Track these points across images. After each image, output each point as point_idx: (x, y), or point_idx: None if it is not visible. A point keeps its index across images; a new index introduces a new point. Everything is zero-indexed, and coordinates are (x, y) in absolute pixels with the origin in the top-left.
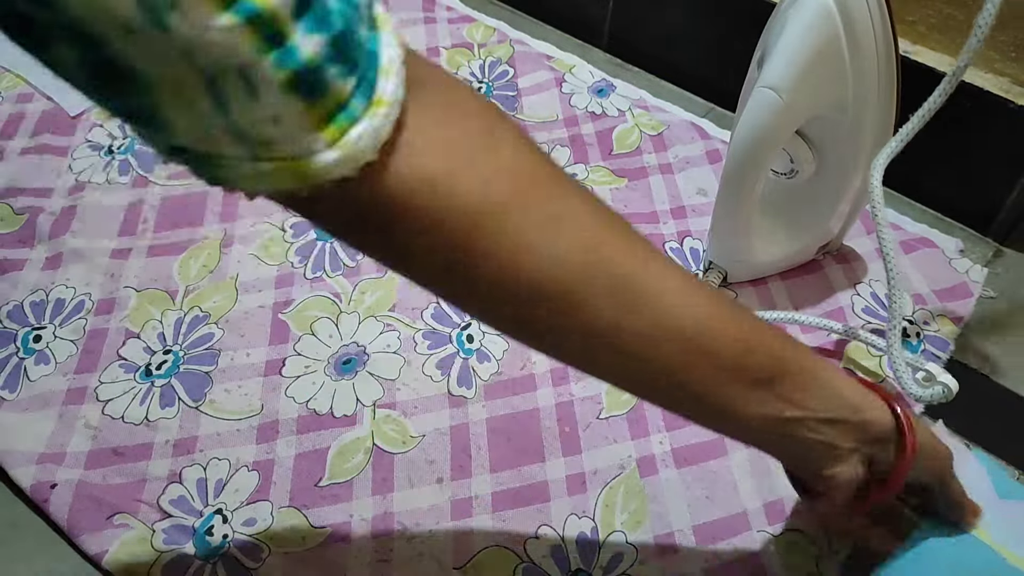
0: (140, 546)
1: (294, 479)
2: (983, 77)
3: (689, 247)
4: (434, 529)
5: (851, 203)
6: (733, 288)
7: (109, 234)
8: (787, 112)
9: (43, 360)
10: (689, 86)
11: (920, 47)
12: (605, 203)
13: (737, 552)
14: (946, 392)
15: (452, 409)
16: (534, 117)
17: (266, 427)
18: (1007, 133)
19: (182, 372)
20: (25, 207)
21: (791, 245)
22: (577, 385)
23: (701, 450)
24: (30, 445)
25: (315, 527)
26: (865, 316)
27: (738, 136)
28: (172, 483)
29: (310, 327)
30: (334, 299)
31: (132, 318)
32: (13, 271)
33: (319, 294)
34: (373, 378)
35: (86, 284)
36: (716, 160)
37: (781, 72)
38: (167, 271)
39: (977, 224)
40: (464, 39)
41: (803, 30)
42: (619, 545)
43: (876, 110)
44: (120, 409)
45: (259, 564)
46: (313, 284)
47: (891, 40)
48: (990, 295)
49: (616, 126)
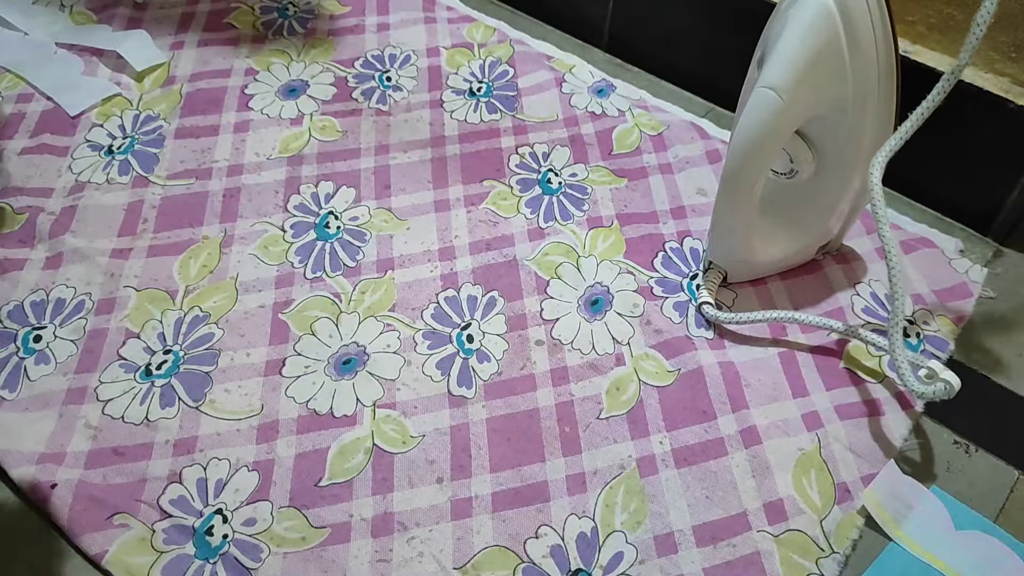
0: (140, 546)
1: (294, 479)
2: (983, 77)
3: (689, 247)
4: (434, 529)
5: (851, 203)
6: (733, 288)
7: (109, 234)
8: (787, 112)
9: (43, 360)
10: (689, 86)
11: (920, 47)
12: None
13: (737, 552)
14: (948, 389)
15: (452, 409)
16: (534, 117)
17: (266, 427)
18: (1007, 133)
19: (182, 372)
20: (25, 207)
21: (791, 245)
22: (577, 385)
23: (701, 450)
24: (30, 445)
25: (315, 527)
26: (865, 316)
27: (738, 136)
28: (172, 483)
29: (310, 327)
30: (334, 299)
31: (132, 318)
32: (13, 271)
33: (319, 294)
34: (373, 378)
35: (86, 284)
36: (716, 160)
37: (781, 72)
38: (167, 271)
39: (977, 224)
40: (464, 39)
41: (803, 30)
42: (619, 545)
43: (876, 110)
44: (120, 409)
45: (259, 564)
46: (313, 284)
47: (891, 40)
48: (990, 295)
49: (616, 126)
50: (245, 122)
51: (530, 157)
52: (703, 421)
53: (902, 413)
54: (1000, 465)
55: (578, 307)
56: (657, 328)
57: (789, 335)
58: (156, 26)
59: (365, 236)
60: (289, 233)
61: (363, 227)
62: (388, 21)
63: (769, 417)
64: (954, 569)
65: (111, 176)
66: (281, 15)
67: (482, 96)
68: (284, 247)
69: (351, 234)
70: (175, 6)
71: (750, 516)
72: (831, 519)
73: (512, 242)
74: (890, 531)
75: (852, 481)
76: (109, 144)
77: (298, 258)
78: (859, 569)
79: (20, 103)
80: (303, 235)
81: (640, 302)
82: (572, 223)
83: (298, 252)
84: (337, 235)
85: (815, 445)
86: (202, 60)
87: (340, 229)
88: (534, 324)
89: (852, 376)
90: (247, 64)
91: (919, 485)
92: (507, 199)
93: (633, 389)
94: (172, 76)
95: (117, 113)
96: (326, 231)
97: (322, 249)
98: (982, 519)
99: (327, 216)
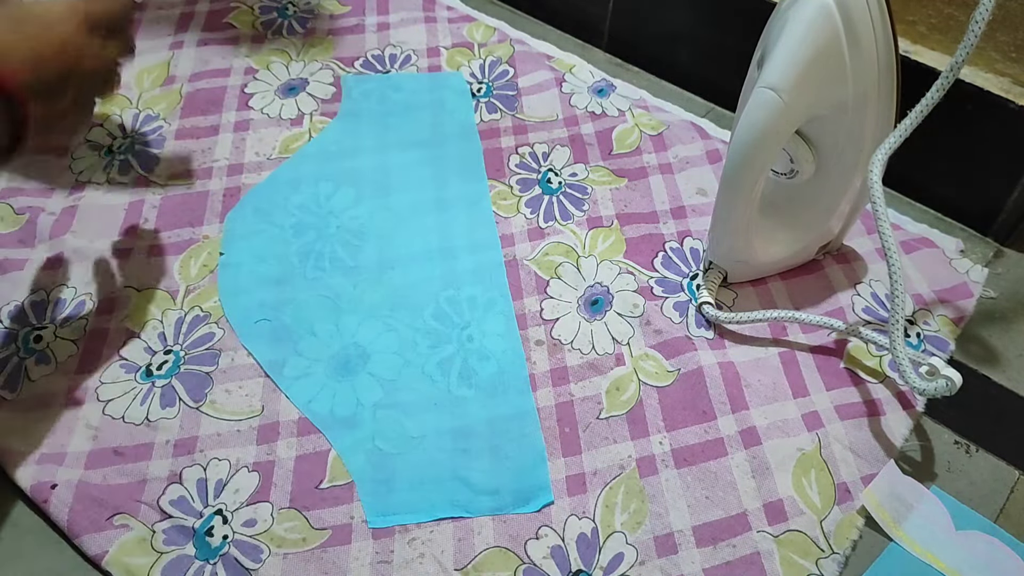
0: (140, 547)
1: (295, 480)
2: (983, 77)
3: (689, 247)
4: (435, 530)
5: (851, 203)
6: (733, 288)
7: (110, 234)
8: (787, 112)
9: (44, 360)
10: (689, 86)
11: (920, 47)
12: None
13: (737, 552)
14: (950, 385)
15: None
16: (534, 117)
17: (266, 428)
18: (1007, 133)
19: (183, 372)
20: (25, 207)
21: (791, 245)
22: (577, 385)
23: (701, 450)
24: (30, 445)
25: (315, 528)
26: (865, 316)
27: (738, 136)
28: (172, 483)
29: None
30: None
31: (133, 318)
32: (14, 271)
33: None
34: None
35: (87, 284)
36: (716, 160)
37: (781, 72)
38: (167, 271)
39: (977, 224)
40: (464, 39)
41: (803, 30)
42: (619, 546)
43: (876, 110)
44: (120, 409)
45: (259, 565)
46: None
47: (891, 40)
48: (990, 295)
49: (616, 126)
50: (245, 121)
51: (530, 157)
52: (703, 421)
53: (903, 413)
54: (1000, 465)
55: (578, 307)
56: (657, 328)
57: (789, 335)
58: (155, 26)
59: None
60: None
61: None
62: (388, 21)
63: (769, 417)
64: (954, 569)
65: (111, 176)
66: (281, 15)
67: (482, 96)
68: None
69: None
70: (174, 6)
71: (750, 516)
72: (831, 519)
73: (512, 242)
74: (890, 531)
75: (852, 481)
76: (109, 144)
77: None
78: (859, 569)
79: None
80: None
81: (640, 302)
82: (572, 223)
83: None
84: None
85: (815, 445)
86: (202, 60)
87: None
88: (534, 324)
89: (852, 376)
90: (247, 63)
91: (919, 485)
92: (507, 199)
93: (633, 389)
94: (172, 76)
95: (117, 112)
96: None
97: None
98: (982, 519)
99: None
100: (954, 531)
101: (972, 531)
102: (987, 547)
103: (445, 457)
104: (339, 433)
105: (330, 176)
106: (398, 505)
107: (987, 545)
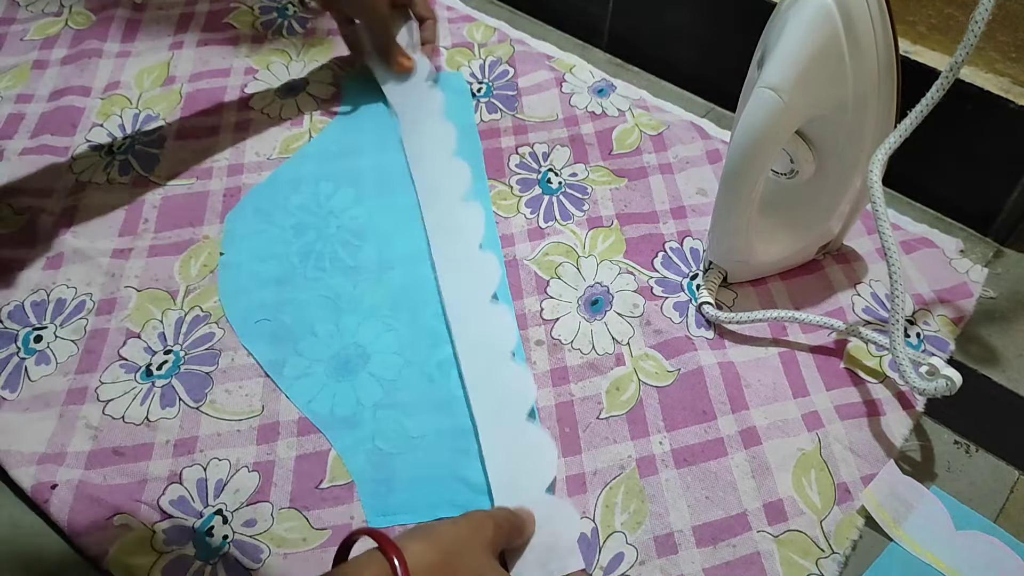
0: (140, 547)
1: (295, 481)
2: (983, 77)
3: (689, 247)
4: None
5: (851, 203)
6: (733, 288)
7: (110, 234)
8: (787, 112)
9: (44, 360)
10: (689, 86)
11: (920, 47)
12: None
13: (737, 552)
14: (950, 385)
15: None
16: (534, 117)
17: (267, 428)
18: (1007, 133)
19: (183, 372)
20: (25, 207)
21: (791, 245)
22: (577, 385)
23: (701, 450)
24: (30, 445)
25: (316, 528)
26: (865, 316)
27: (738, 136)
28: (172, 483)
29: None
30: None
31: (133, 318)
32: (13, 271)
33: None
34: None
35: (87, 284)
36: (716, 160)
37: (781, 72)
38: (168, 271)
39: (977, 224)
40: (464, 39)
41: (803, 30)
42: (619, 546)
43: (876, 110)
44: (121, 409)
45: (259, 565)
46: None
47: (891, 40)
48: (990, 295)
49: (616, 126)
50: (245, 121)
51: (530, 157)
52: (703, 421)
53: (903, 413)
54: (1000, 465)
55: (578, 307)
56: (657, 328)
57: (789, 335)
58: (155, 26)
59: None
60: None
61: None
62: None
63: (769, 417)
64: (954, 569)
65: (111, 176)
66: (281, 15)
67: (482, 96)
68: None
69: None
70: (174, 6)
71: (750, 516)
72: (831, 519)
73: (512, 242)
74: (890, 531)
75: (852, 481)
76: (109, 144)
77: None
78: (859, 569)
79: (20, 103)
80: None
81: (640, 302)
82: (572, 223)
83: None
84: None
85: (815, 445)
86: (201, 60)
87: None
88: (534, 324)
89: (852, 376)
90: (247, 63)
91: (919, 485)
92: (507, 199)
93: (633, 389)
94: (172, 76)
95: (117, 113)
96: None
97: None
98: (982, 519)
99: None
100: (954, 531)
101: (972, 531)
102: (987, 547)
103: (445, 457)
104: (339, 433)
105: (330, 176)
106: (398, 505)
107: (987, 545)
